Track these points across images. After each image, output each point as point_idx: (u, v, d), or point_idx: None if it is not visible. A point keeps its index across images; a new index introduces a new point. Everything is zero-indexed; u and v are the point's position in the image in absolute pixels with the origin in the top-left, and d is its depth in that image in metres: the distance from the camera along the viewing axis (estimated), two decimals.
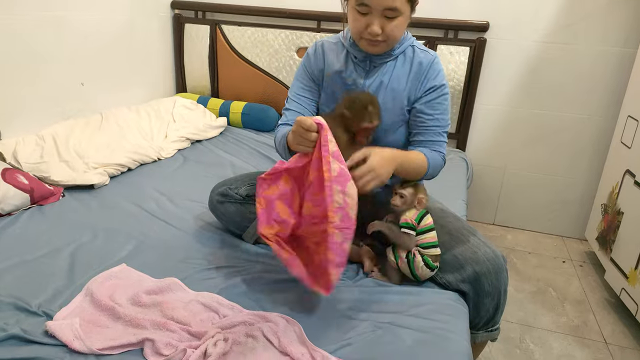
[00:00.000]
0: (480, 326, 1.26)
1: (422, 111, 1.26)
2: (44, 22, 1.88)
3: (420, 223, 1.21)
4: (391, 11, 1.13)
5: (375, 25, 1.15)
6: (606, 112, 2.23)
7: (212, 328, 1.01)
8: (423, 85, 1.25)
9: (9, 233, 1.40)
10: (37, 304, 1.08)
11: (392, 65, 1.27)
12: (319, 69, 1.33)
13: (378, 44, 1.20)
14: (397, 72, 1.27)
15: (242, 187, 1.41)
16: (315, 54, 1.34)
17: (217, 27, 2.60)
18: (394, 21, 1.15)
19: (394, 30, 1.17)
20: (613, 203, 1.98)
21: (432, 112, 1.26)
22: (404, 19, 1.17)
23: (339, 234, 1.04)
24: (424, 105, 1.26)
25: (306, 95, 1.35)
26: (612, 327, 1.77)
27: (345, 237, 1.05)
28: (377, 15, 1.14)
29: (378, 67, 1.28)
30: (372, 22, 1.15)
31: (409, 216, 1.21)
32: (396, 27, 1.17)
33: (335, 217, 1.03)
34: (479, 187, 2.51)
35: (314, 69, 1.34)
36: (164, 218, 1.55)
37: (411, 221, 1.20)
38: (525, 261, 2.21)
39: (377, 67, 1.28)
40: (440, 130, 1.27)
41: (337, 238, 1.03)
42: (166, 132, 2.27)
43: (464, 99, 2.32)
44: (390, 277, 1.25)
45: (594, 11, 2.11)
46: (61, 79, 2.01)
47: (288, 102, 1.36)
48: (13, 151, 1.73)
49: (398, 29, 1.18)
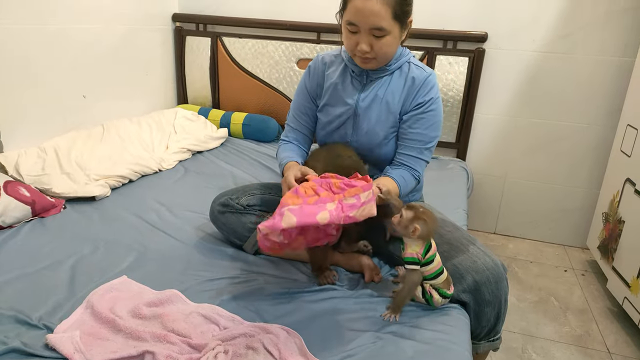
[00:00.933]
0: (482, 336, 1.26)
1: (406, 123, 1.30)
2: (45, 34, 1.90)
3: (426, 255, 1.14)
4: (378, 30, 1.18)
5: (364, 43, 1.20)
6: (605, 121, 2.23)
7: (213, 340, 1.01)
8: (414, 99, 1.29)
9: (10, 245, 1.40)
10: (37, 317, 1.08)
11: (387, 79, 1.32)
12: (317, 84, 1.39)
13: (369, 61, 1.25)
14: (392, 87, 1.31)
15: (243, 197, 1.43)
16: (315, 67, 1.40)
17: (218, 39, 2.62)
18: (382, 40, 1.20)
19: (383, 48, 1.21)
20: (614, 212, 1.98)
21: (415, 127, 1.29)
22: (392, 38, 1.21)
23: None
24: (410, 118, 1.30)
25: (304, 112, 1.43)
26: (615, 337, 1.76)
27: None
28: (365, 34, 1.19)
29: (374, 81, 1.32)
30: (361, 41, 1.20)
31: (415, 250, 1.13)
32: (385, 45, 1.21)
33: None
34: (479, 197, 2.52)
35: (312, 84, 1.40)
36: (164, 229, 1.55)
37: (417, 256, 1.13)
38: (526, 270, 2.20)
39: (373, 81, 1.32)
40: (421, 146, 1.30)
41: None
42: (167, 143, 2.28)
43: (463, 109, 2.34)
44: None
45: (592, 21, 2.13)
46: (63, 91, 2.03)
47: (289, 118, 1.46)
48: (15, 163, 1.74)
49: (387, 47, 1.22)
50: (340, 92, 1.35)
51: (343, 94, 1.35)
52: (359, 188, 1.08)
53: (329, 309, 1.16)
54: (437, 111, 1.30)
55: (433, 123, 1.30)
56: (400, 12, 1.18)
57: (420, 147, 1.31)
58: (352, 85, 1.34)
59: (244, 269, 1.34)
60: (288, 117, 1.47)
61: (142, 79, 2.53)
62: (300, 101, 1.43)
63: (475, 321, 1.22)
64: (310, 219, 1.01)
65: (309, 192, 1.10)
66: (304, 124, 1.44)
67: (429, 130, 1.30)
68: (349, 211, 1.03)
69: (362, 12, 1.15)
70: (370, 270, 1.30)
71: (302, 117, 1.43)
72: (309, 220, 1.01)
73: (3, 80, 1.75)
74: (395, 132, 1.33)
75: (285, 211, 1.02)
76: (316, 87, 1.40)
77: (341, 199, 1.06)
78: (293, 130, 1.45)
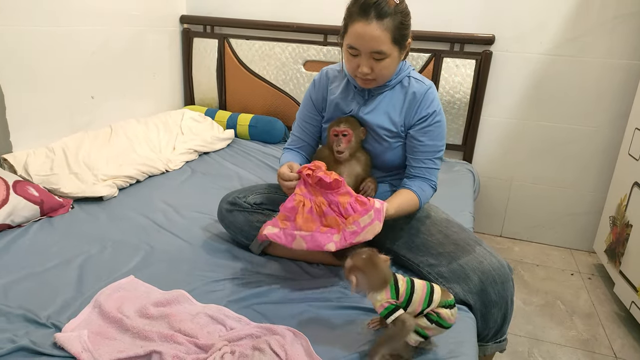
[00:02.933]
0: (489, 338, 1.26)
1: (415, 137, 1.33)
2: (55, 36, 1.92)
3: (399, 294, 0.98)
4: (378, 54, 1.21)
5: (365, 66, 1.24)
6: (613, 124, 2.22)
7: (219, 340, 1.01)
8: (417, 113, 1.33)
9: (19, 245, 1.41)
10: (46, 316, 1.09)
11: (389, 94, 1.35)
12: (322, 97, 1.44)
13: (370, 82, 1.29)
14: (393, 100, 1.35)
15: (250, 196, 1.46)
16: (320, 81, 1.44)
17: (225, 41, 2.63)
18: (382, 62, 1.23)
19: (383, 70, 1.25)
20: (621, 215, 1.97)
21: (423, 139, 1.33)
22: (391, 60, 1.24)
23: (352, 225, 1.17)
24: (417, 132, 1.33)
25: (309, 122, 1.47)
26: (622, 341, 1.75)
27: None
28: (366, 57, 1.23)
29: (375, 95, 1.36)
30: (362, 63, 1.24)
31: (383, 299, 0.97)
32: (385, 68, 1.25)
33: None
34: (485, 199, 2.51)
35: (318, 96, 1.44)
36: (171, 230, 1.56)
37: (389, 302, 0.97)
38: (533, 274, 2.20)
39: (374, 95, 1.36)
40: (432, 156, 1.34)
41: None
42: (174, 144, 2.29)
43: (470, 111, 2.33)
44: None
45: (600, 24, 2.12)
46: (71, 92, 2.04)
47: (294, 127, 1.50)
48: (24, 163, 1.75)
49: (387, 69, 1.26)
50: (343, 107, 1.39)
51: (345, 108, 1.39)
52: (357, 215, 1.17)
53: (336, 310, 1.16)
54: (442, 122, 1.34)
55: (439, 133, 1.34)
56: (399, 36, 1.21)
57: (432, 157, 1.35)
58: (355, 101, 1.38)
59: (250, 270, 1.34)
60: (293, 126, 1.51)
61: (149, 80, 2.54)
62: (305, 112, 1.47)
63: (482, 322, 1.22)
64: (318, 247, 1.17)
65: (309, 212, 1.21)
66: (309, 133, 1.48)
67: (436, 140, 1.34)
68: (351, 238, 1.16)
69: (362, 37, 1.19)
70: None
71: (307, 127, 1.47)
72: (317, 248, 1.17)
73: (13, 81, 1.77)
74: (400, 142, 1.36)
75: (297, 236, 1.18)
76: (321, 100, 1.44)
77: (344, 229, 1.17)
78: (298, 139, 1.49)
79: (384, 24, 1.18)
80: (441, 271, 1.26)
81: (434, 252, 1.29)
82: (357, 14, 1.19)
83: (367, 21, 1.18)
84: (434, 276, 1.27)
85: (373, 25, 1.17)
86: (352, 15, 1.21)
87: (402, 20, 1.20)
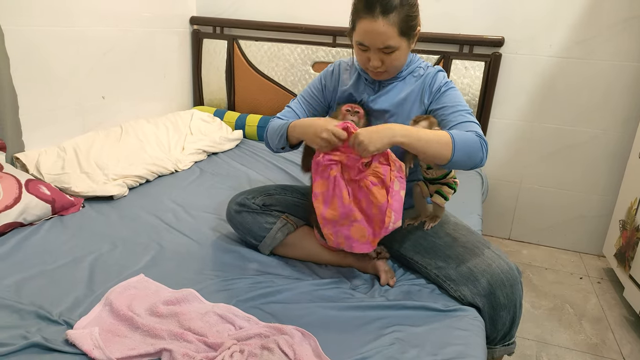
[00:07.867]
0: (497, 340, 1.26)
1: (438, 108, 1.29)
2: (67, 36, 1.94)
3: None
4: (387, 48, 1.22)
5: (375, 60, 1.24)
6: (623, 127, 2.21)
7: (228, 339, 1.02)
8: (431, 90, 1.31)
9: (31, 242, 1.43)
10: (57, 313, 1.10)
11: (399, 85, 1.35)
12: (333, 87, 1.43)
13: (382, 74, 1.30)
14: (405, 89, 1.34)
15: (259, 197, 1.45)
16: (333, 72, 1.44)
17: (234, 42, 2.65)
18: (392, 55, 1.24)
19: (394, 62, 1.26)
20: (631, 219, 1.95)
21: (446, 103, 1.28)
22: (401, 52, 1.25)
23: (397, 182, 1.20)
24: (437, 103, 1.30)
25: (310, 101, 1.45)
26: (631, 346, 1.74)
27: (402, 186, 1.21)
28: (375, 51, 1.23)
29: (386, 87, 1.35)
30: (372, 58, 1.24)
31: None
32: (395, 60, 1.25)
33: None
34: (494, 202, 2.50)
35: (329, 85, 1.43)
36: (180, 229, 1.57)
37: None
38: (541, 277, 2.19)
39: (385, 87, 1.36)
40: (463, 112, 1.26)
41: (395, 186, 1.20)
42: (183, 144, 2.31)
43: (479, 114, 2.33)
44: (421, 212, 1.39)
45: (610, 26, 2.11)
46: (83, 92, 2.07)
47: (292, 102, 1.47)
48: (36, 162, 1.77)
49: (398, 61, 1.26)
50: (355, 97, 1.39)
51: (357, 98, 1.38)
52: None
53: (344, 310, 1.17)
54: (457, 90, 1.31)
55: (457, 95, 1.30)
56: (407, 28, 1.21)
57: (463, 112, 1.26)
58: (366, 92, 1.37)
59: (259, 270, 1.35)
60: (291, 101, 1.47)
61: (159, 81, 2.56)
62: (311, 91, 1.45)
63: (490, 325, 1.22)
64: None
65: None
66: (306, 111, 1.44)
67: (456, 100, 1.28)
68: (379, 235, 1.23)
69: (369, 33, 1.20)
70: (386, 274, 1.31)
71: (306, 104, 1.44)
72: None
73: (25, 81, 1.79)
74: None
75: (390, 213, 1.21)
76: (332, 90, 1.43)
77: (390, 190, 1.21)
78: (292, 113, 1.43)
79: (390, 19, 1.17)
80: (449, 274, 1.25)
81: (442, 254, 1.29)
82: (362, 11, 1.19)
83: (373, 18, 1.17)
84: (442, 279, 1.26)
85: (379, 22, 1.17)
86: (358, 12, 1.20)
87: (408, 12, 1.19)
